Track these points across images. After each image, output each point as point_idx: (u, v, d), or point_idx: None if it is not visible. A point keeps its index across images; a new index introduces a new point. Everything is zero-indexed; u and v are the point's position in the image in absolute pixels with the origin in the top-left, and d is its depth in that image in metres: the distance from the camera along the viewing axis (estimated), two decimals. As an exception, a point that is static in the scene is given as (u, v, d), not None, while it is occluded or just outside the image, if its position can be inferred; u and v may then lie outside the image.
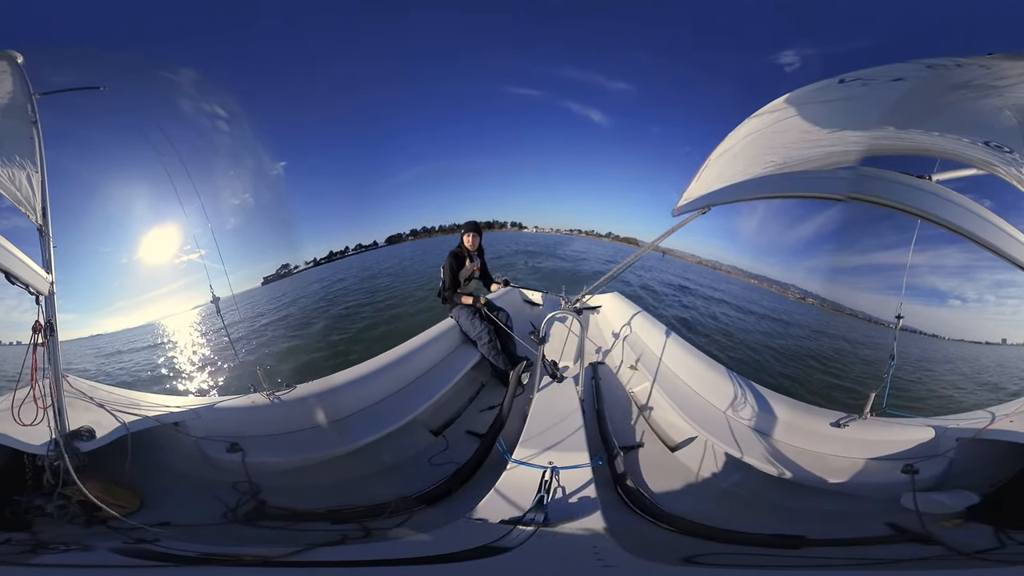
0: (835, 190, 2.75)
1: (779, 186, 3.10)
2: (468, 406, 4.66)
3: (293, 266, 18.18)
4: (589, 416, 4.02)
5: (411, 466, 3.65)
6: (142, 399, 3.72)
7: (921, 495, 2.79)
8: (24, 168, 2.90)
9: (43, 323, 2.75)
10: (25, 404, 2.69)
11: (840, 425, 3.45)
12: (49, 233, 2.91)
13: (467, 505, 2.60)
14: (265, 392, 3.67)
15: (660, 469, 3.58)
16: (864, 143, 2.70)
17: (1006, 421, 3.17)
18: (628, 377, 5.09)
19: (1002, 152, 2.04)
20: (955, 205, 2.26)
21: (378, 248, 22.88)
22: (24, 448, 2.75)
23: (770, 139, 3.53)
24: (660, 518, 2.85)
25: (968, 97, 2.39)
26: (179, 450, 3.32)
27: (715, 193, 3.58)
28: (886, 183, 2.47)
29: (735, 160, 3.61)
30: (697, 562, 2.41)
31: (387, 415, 3.80)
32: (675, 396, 4.17)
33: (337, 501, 3.04)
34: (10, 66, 3.46)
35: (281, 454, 3.36)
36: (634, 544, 2.30)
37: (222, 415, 3.51)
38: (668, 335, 5.13)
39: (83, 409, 3.20)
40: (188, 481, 3.21)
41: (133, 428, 3.09)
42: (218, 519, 2.86)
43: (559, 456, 2.82)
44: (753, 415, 3.71)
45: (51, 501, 2.69)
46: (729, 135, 3.98)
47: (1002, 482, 2.91)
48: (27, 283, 2.61)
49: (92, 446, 2.88)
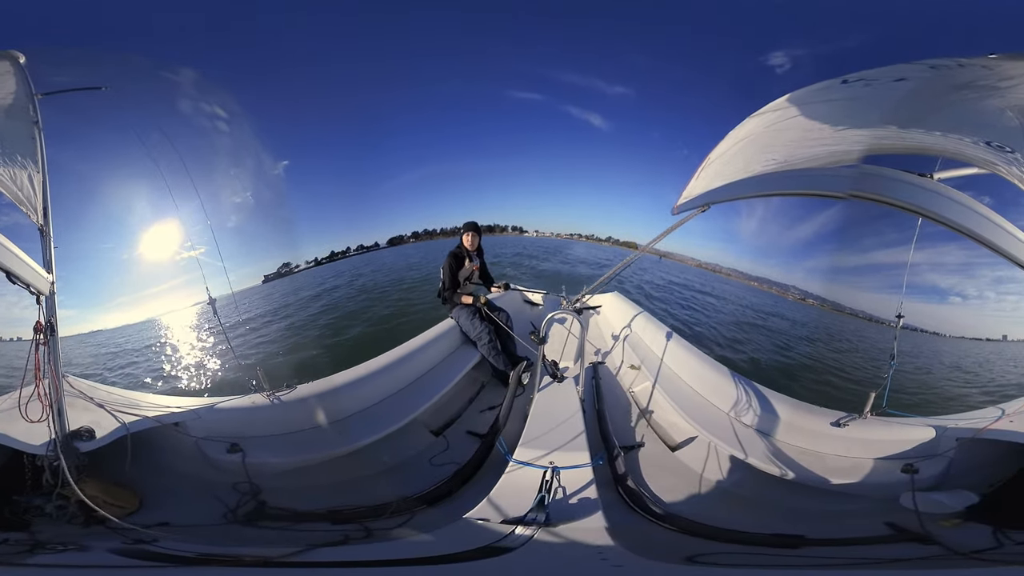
0: (837, 188, 2.74)
1: (780, 184, 3.09)
2: (468, 406, 4.66)
3: (294, 265, 18.15)
4: (589, 416, 4.02)
5: (412, 466, 3.65)
6: (142, 399, 3.72)
7: (921, 495, 2.79)
8: (26, 168, 2.89)
9: (44, 323, 2.75)
10: (25, 403, 2.67)
11: (840, 425, 3.45)
12: (50, 233, 2.91)
13: (468, 505, 2.60)
14: (265, 392, 3.67)
15: (661, 469, 3.59)
16: (866, 142, 2.70)
17: (1006, 421, 3.18)
18: (628, 377, 5.09)
19: (1004, 152, 2.04)
20: (955, 203, 2.26)
21: (380, 249, 22.86)
22: (24, 448, 2.75)
23: (771, 137, 3.53)
24: (661, 518, 2.85)
25: (970, 97, 2.39)
26: (179, 450, 3.31)
27: (715, 191, 3.58)
28: (888, 181, 2.46)
29: (735, 158, 3.60)
30: (699, 561, 2.41)
31: (387, 415, 3.79)
32: (675, 396, 4.17)
33: (338, 501, 3.04)
34: (12, 66, 3.46)
35: (281, 455, 3.36)
36: (636, 544, 2.32)
37: (222, 415, 3.50)
38: (668, 335, 5.13)
39: (83, 409, 3.19)
40: (188, 481, 3.20)
41: (133, 428, 3.08)
42: (218, 520, 2.85)
43: (560, 456, 2.82)
44: (753, 415, 3.71)
45: (50, 501, 2.69)
46: (729, 134, 3.98)
47: (1002, 482, 2.92)
48: (28, 283, 2.60)
49: (92, 446, 2.88)
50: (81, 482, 2.70)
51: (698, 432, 3.71)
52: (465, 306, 5.27)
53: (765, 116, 3.78)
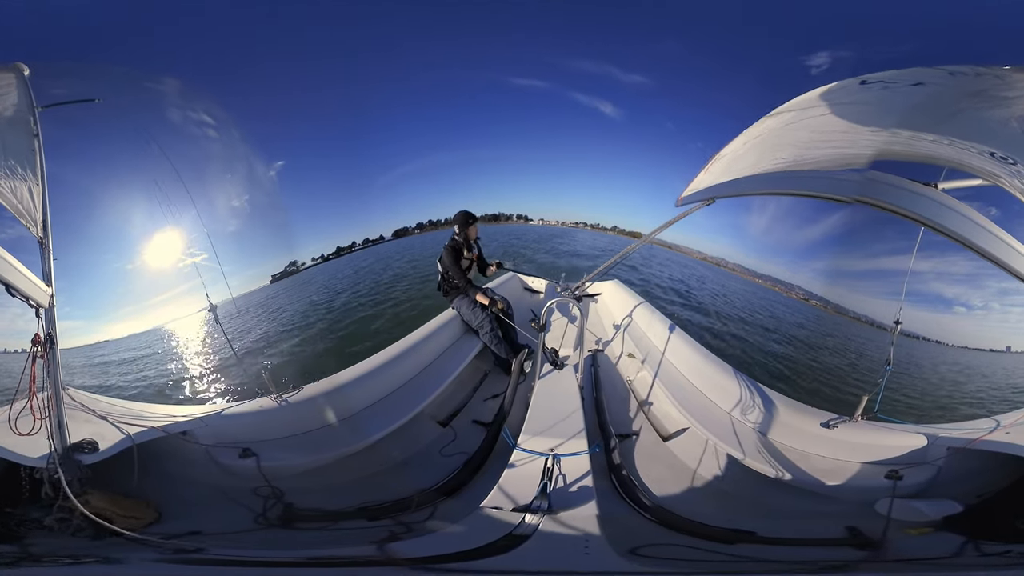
0: (843, 192, 2.74)
1: (786, 184, 3.10)
2: (473, 395, 4.72)
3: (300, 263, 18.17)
4: (588, 404, 4.08)
5: (423, 458, 3.72)
6: (146, 410, 3.66)
7: (900, 501, 2.80)
8: (26, 180, 2.87)
9: (43, 335, 2.70)
10: (22, 415, 2.64)
11: (830, 426, 3.47)
12: (49, 245, 2.87)
13: (481, 493, 2.69)
14: (272, 395, 3.63)
15: (651, 459, 3.65)
16: (876, 146, 2.69)
17: (1002, 432, 3.17)
18: (626, 365, 5.14)
19: (1006, 163, 2.03)
20: (957, 214, 2.26)
21: (385, 242, 22.68)
22: (22, 460, 2.69)
23: (782, 137, 3.52)
24: (644, 508, 2.93)
25: (980, 107, 2.37)
26: (189, 459, 3.28)
27: (721, 186, 3.58)
28: (892, 188, 2.46)
29: (746, 155, 3.60)
30: (640, 553, 2.49)
31: (396, 408, 3.83)
32: (670, 386, 4.22)
33: (361, 499, 3.07)
34: (16, 78, 3.43)
35: (295, 456, 3.35)
36: (618, 534, 2.40)
37: (230, 421, 3.47)
38: (666, 324, 5.17)
39: (84, 421, 3.13)
40: (204, 489, 3.18)
41: (138, 439, 3.04)
42: (250, 525, 2.85)
43: (560, 444, 2.91)
44: (746, 410, 3.75)
45: (50, 514, 2.62)
46: (744, 132, 3.96)
47: (992, 493, 2.92)
48: (27, 295, 2.57)
49: (95, 459, 2.82)
50: (86, 494, 2.65)
51: (689, 423, 3.76)
52: (466, 296, 5.28)
53: (781, 116, 3.76)
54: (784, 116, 3.72)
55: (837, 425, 3.47)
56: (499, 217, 27.36)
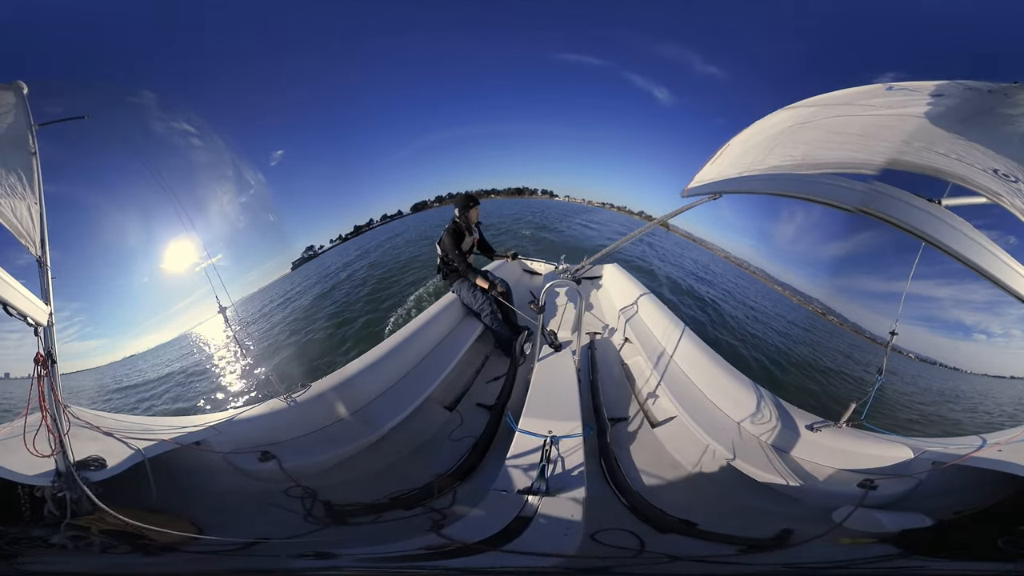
0: (847, 200, 2.71)
1: (792, 186, 3.07)
2: (476, 378, 4.82)
3: (319, 246, 18.27)
4: (584, 386, 4.17)
5: (435, 444, 3.81)
6: (155, 423, 3.57)
7: (862, 511, 2.81)
8: (24, 199, 2.84)
9: (44, 354, 2.65)
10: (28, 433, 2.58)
11: (813, 429, 3.48)
12: (47, 264, 2.82)
13: (490, 474, 2.82)
14: (282, 396, 3.62)
15: (639, 444, 3.74)
16: (887, 155, 2.66)
17: (994, 450, 3.10)
18: (622, 348, 5.21)
19: (1008, 182, 2.01)
20: (958, 232, 2.23)
21: (403, 217, 22.51)
22: (22, 480, 2.61)
23: (797, 134, 3.47)
24: (624, 493, 3.04)
25: (988, 123, 2.33)
26: (208, 469, 3.24)
27: (725, 182, 3.56)
28: (895, 201, 2.44)
29: (755, 148, 3.56)
30: (596, 540, 2.57)
31: (404, 396, 3.90)
32: (663, 372, 4.27)
33: (386, 489, 3.12)
34: (16, 96, 3.44)
35: (314, 454, 3.37)
36: (595, 517, 2.55)
37: (244, 426, 3.45)
38: (663, 310, 5.21)
39: (89, 439, 3.02)
40: (232, 497, 3.15)
41: (149, 453, 2.97)
42: (302, 526, 2.84)
43: (557, 425, 3.01)
44: (733, 403, 3.78)
45: (57, 532, 2.56)
46: (756, 122, 3.92)
47: (969, 510, 2.91)
48: (25, 314, 2.52)
49: (104, 475, 2.74)
50: (99, 511, 2.58)
51: (677, 412, 3.83)
52: (466, 279, 5.31)
53: (797, 111, 3.71)
54: (802, 111, 3.66)
55: (820, 429, 3.48)
56: (523, 191, 27.02)
